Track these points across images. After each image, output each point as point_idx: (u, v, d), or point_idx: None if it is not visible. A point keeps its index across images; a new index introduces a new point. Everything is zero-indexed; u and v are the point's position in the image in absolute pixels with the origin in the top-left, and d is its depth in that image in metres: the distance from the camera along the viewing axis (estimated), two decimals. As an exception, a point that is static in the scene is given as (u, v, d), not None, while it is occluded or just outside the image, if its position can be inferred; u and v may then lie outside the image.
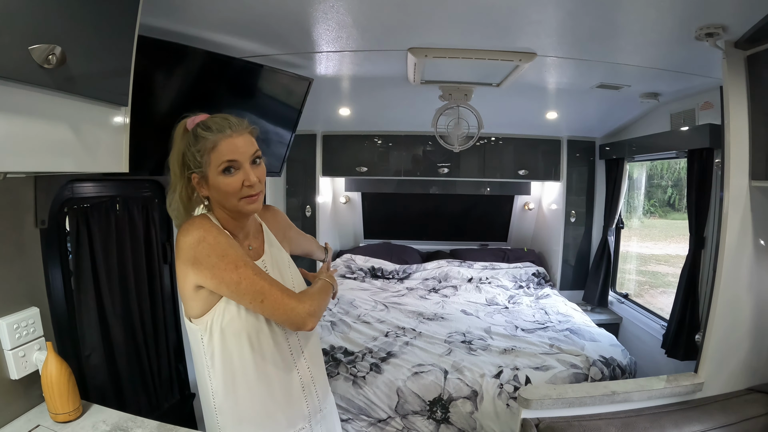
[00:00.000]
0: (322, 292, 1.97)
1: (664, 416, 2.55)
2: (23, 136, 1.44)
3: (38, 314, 2.13)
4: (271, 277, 1.78)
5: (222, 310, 1.78)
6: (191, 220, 1.78)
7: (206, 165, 1.75)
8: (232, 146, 1.76)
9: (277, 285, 1.75)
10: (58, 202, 2.36)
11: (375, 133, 6.05)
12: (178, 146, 1.81)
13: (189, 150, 1.76)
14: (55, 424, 2.00)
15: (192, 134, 1.77)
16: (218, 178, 1.75)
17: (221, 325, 1.78)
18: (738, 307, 2.72)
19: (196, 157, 1.75)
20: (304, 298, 1.80)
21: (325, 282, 2.04)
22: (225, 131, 1.75)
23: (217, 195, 1.80)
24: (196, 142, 1.74)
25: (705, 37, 2.47)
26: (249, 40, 2.91)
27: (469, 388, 3.56)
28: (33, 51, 1.35)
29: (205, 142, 1.73)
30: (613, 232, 5.81)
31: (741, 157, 2.59)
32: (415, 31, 2.84)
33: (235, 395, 1.84)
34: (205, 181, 1.79)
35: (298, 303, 1.74)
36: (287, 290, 1.77)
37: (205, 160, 1.74)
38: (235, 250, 1.71)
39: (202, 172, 1.76)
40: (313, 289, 1.96)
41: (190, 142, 1.76)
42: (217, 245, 1.69)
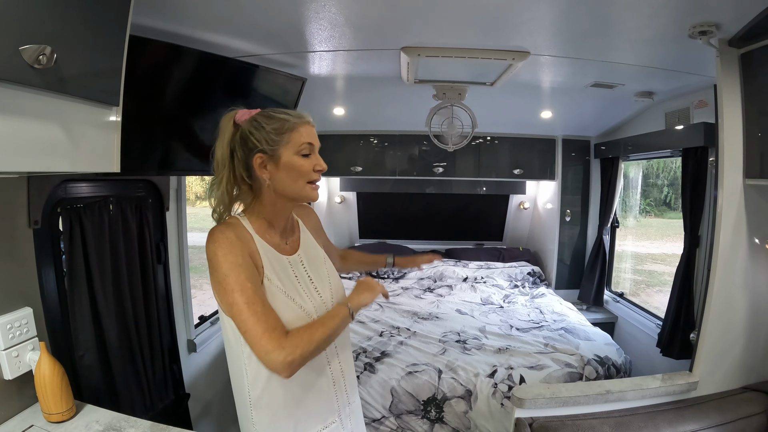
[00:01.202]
0: (327, 329, 1.77)
1: (658, 415, 2.55)
2: (14, 137, 1.43)
3: (31, 314, 2.12)
4: (264, 307, 1.70)
5: None
6: (217, 226, 1.81)
7: (281, 144, 1.82)
8: (312, 132, 1.90)
9: (264, 320, 1.66)
10: (51, 202, 2.35)
11: (370, 132, 6.06)
12: (227, 137, 1.87)
13: (259, 130, 1.82)
14: (49, 424, 2.00)
15: (264, 117, 1.85)
16: (294, 158, 1.84)
17: None
18: (732, 305, 2.73)
19: (270, 135, 1.81)
20: (291, 341, 1.66)
21: (344, 313, 1.85)
22: (303, 118, 1.88)
23: (285, 177, 1.85)
24: (271, 122, 1.82)
25: (698, 35, 2.48)
26: (241, 39, 2.91)
27: (463, 388, 3.56)
28: (23, 51, 1.35)
29: (285, 122, 1.83)
30: (608, 231, 5.81)
31: (735, 155, 2.60)
32: (407, 30, 2.84)
33: (270, 390, 1.85)
34: (274, 162, 1.84)
35: (276, 348, 1.62)
36: (272, 327, 1.66)
37: (283, 138, 1.82)
38: (236, 273, 1.69)
39: (273, 150, 1.82)
40: (316, 326, 1.77)
41: (261, 123, 1.83)
42: (224, 264, 1.70)
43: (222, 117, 1.90)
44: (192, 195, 20.01)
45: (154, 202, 3.24)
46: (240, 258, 1.72)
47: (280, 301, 1.82)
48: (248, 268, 1.73)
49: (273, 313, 1.70)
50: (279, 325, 1.68)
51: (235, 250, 1.72)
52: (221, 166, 1.86)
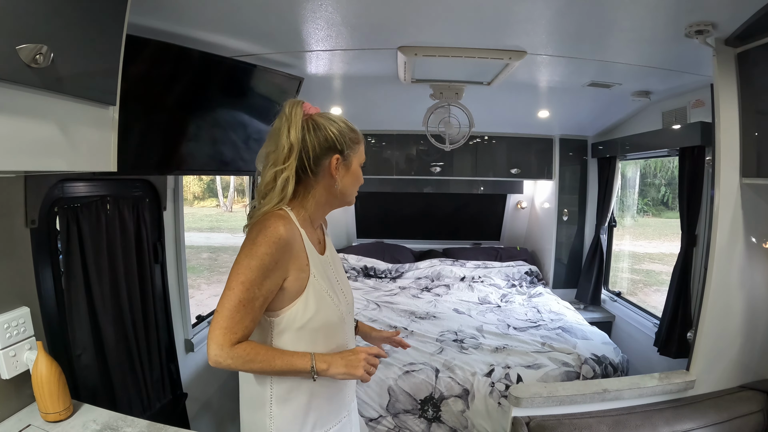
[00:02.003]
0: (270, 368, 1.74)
1: (655, 414, 2.56)
2: (11, 136, 1.43)
3: (29, 314, 2.12)
4: (247, 313, 1.69)
5: (303, 307, 1.83)
6: (273, 217, 1.79)
7: (354, 152, 1.97)
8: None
9: (234, 321, 1.67)
10: (48, 201, 2.35)
11: (367, 132, 5.99)
12: (298, 125, 1.85)
13: (339, 134, 1.90)
14: (46, 424, 2.00)
15: (344, 124, 1.95)
16: (358, 168, 2.02)
17: (302, 321, 1.83)
18: (729, 304, 2.73)
19: (349, 142, 1.93)
20: (233, 352, 1.67)
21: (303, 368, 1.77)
22: (361, 135, 2.03)
23: (350, 183, 1.99)
24: (350, 132, 1.95)
25: (695, 34, 2.48)
26: (238, 38, 2.91)
27: (460, 387, 3.57)
28: (20, 50, 1.35)
29: (357, 135, 1.98)
30: (605, 230, 5.82)
31: (732, 154, 2.60)
32: (404, 30, 2.84)
33: (298, 386, 1.89)
34: (346, 167, 1.95)
35: (220, 346, 1.66)
36: (233, 331, 1.67)
37: (357, 148, 1.98)
38: (257, 274, 1.70)
39: (348, 156, 1.94)
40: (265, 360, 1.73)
41: (342, 128, 1.92)
42: (256, 258, 1.70)
43: (286, 103, 1.89)
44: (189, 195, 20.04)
45: (152, 202, 3.23)
46: (273, 264, 1.73)
47: (324, 300, 1.88)
48: (272, 276, 1.74)
49: (246, 322, 1.70)
50: (240, 333, 1.69)
51: (277, 254, 1.73)
52: (288, 154, 1.83)
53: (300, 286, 1.83)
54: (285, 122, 1.84)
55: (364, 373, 1.84)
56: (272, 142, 1.87)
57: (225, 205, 22.76)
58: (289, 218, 1.83)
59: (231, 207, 22.43)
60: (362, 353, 1.87)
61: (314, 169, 1.87)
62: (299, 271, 1.83)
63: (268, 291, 1.74)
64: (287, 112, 1.86)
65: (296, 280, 1.81)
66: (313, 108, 1.91)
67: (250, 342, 1.73)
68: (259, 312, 1.76)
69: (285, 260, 1.76)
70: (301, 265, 1.83)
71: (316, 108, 1.93)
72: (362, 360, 1.84)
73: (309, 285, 1.84)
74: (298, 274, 1.82)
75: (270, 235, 1.72)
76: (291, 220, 1.83)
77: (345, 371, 1.82)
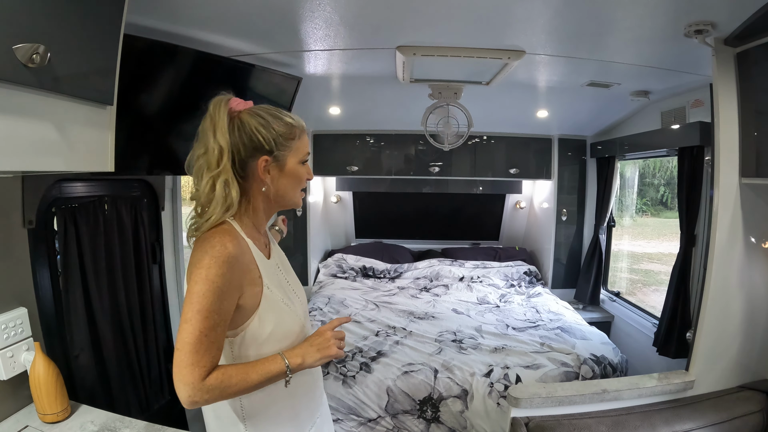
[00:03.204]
0: (248, 385, 1.62)
1: (655, 414, 2.55)
2: (8, 136, 1.43)
3: (26, 314, 2.12)
4: (211, 343, 1.53)
5: (259, 322, 1.72)
6: (217, 234, 1.64)
7: (288, 150, 1.79)
8: (308, 141, 1.90)
9: (200, 354, 1.51)
10: (45, 201, 2.35)
11: (366, 132, 6.05)
12: (223, 126, 1.71)
13: (265, 131, 1.74)
14: (44, 425, 2.00)
15: (269, 114, 1.77)
16: (298, 167, 1.83)
17: (262, 336, 1.73)
18: (729, 304, 2.73)
19: (279, 139, 1.76)
20: (205, 386, 1.52)
21: (278, 371, 1.67)
22: (304, 125, 1.87)
23: (287, 183, 1.83)
24: (278, 124, 1.77)
25: (694, 34, 2.48)
26: (236, 38, 2.90)
27: (459, 387, 3.56)
28: (17, 50, 1.35)
29: (292, 128, 1.79)
30: (604, 230, 5.82)
31: (731, 154, 2.60)
32: (403, 29, 2.84)
33: (270, 397, 1.81)
34: (279, 168, 1.79)
35: (190, 384, 1.49)
36: (202, 365, 1.51)
37: (290, 145, 1.79)
38: (213, 300, 1.54)
39: (280, 155, 1.77)
40: (241, 381, 1.60)
41: (269, 123, 1.75)
42: (208, 282, 1.54)
43: (210, 101, 1.76)
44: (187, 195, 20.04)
45: (150, 202, 3.23)
46: (227, 285, 1.59)
47: (281, 311, 1.78)
48: (228, 298, 1.60)
49: (213, 352, 1.55)
50: (209, 366, 1.53)
51: (228, 273, 1.59)
52: (219, 159, 1.68)
53: (255, 301, 1.72)
54: (210, 123, 1.73)
55: (338, 350, 1.78)
56: (201, 144, 1.73)
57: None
58: (235, 231, 1.72)
59: (229, 207, 22.43)
60: (327, 331, 1.80)
61: (242, 173, 1.75)
62: (252, 285, 1.73)
63: (227, 313, 1.61)
64: (211, 111, 1.74)
65: (251, 296, 1.71)
66: (242, 104, 1.79)
67: (218, 368, 1.57)
68: (223, 338, 1.62)
69: (237, 278, 1.64)
70: (254, 278, 1.73)
71: (246, 103, 1.80)
72: (330, 338, 1.78)
73: (263, 298, 1.75)
74: (252, 289, 1.72)
75: (218, 255, 1.58)
76: (236, 233, 1.72)
77: (320, 356, 1.74)
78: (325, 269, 6.57)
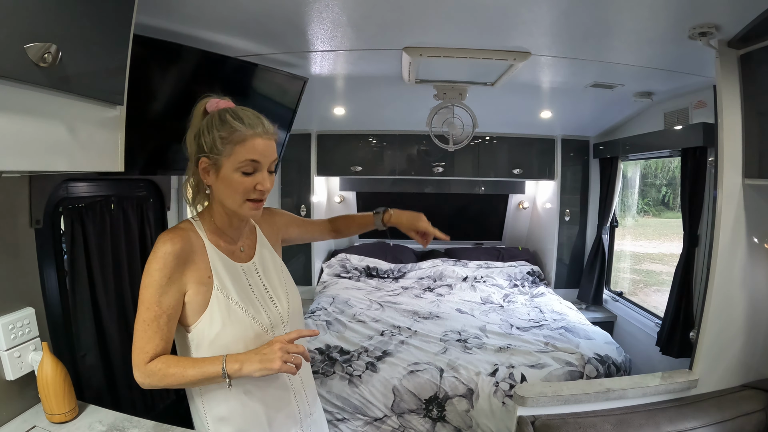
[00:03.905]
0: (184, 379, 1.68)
1: (659, 413, 2.56)
2: (19, 135, 1.43)
3: (33, 314, 2.12)
4: (153, 330, 1.67)
5: (209, 322, 1.75)
6: (166, 233, 1.73)
7: (225, 155, 1.69)
8: (261, 146, 1.73)
9: (146, 340, 1.67)
10: (52, 201, 2.36)
11: (370, 132, 6.05)
12: (195, 126, 1.76)
13: (210, 132, 1.70)
14: (51, 425, 1.99)
15: (219, 118, 1.72)
16: (233, 174, 1.71)
17: (210, 337, 1.75)
18: (732, 304, 2.74)
19: (216, 142, 1.69)
20: (148, 369, 1.67)
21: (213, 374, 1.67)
22: (257, 128, 1.72)
23: (223, 189, 1.75)
24: (222, 127, 1.69)
25: (698, 36, 2.48)
26: (244, 39, 2.91)
27: (464, 387, 3.57)
28: (29, 49, 1.35)
29: (233, 132, 1.69)
30: (607, 230, 5.82)
31: (734, 155, 2.60)
32: (410, 30, 2.84)
33: (228, 406, 1.84)
34: (215, 170, 1.73)
35: (137, 367, 1.69)
36: (146, 351, 1.67)
37: (227, 149, 1.69)
38: (152, 292, 1.66)
39: (216, 159, 1.70)
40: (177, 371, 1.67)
41: (214, 125, 1.70)
42: (149, 277, 1.67)
43: (196, 104, 1.81)
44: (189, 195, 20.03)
45: (156, 202, 3.24)
46: (165, 279, 1.67)
47: (232, 314, 1.78)
48: (168, 292, 1.68)
49: (156, 341, 1.67)
50: (152, 352, 1.67)
51: (166, 269, 1.67)
52: (189, 158, 1.79)
53: (203, 300, 1.76)
54: (189, 124, 1.80)
55: (283, 365, 1.66)
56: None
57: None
58: (187, 230, 1.77)
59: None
60: (276, 344, 1.69)
61: (194, 170, 1.78)
62: (199, 284, 1.75)
63: (169, 307, 1.69)
64: (192, 112, 1.80)
65: (197, 293, 1.74)
66: (215, 104, 1.78)
67: (162, 357, 1.69)
68: (168, 329, 1.70)
69: (178, 275, 1.70)
70: (202, 277, 1.76)
71: (220, 103, 1.79)
72: (277, 351, 1.67)
73: (213, 298, 1.77)
74: (198, 287, 1.75)
75: (157, 251, 1.68)
76: (186, 233, 1.76)
77: (260, 366, 1.66)
78: (328, 269, 6.57)
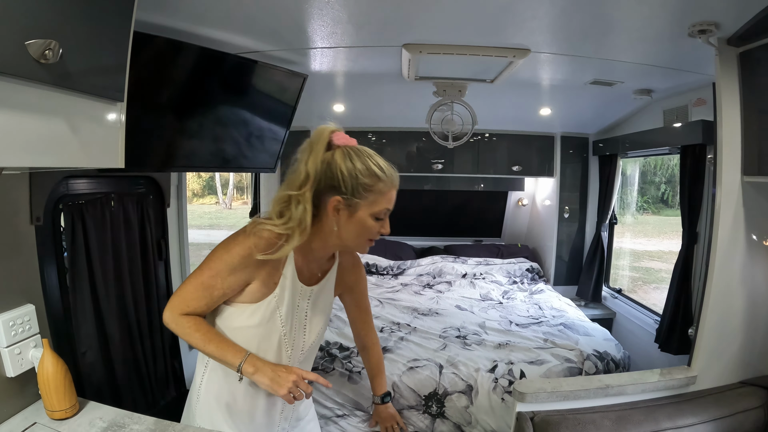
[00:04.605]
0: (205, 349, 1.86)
1: (658, 409, 2.56)
2: (19, 132, 1.43)
3: (34, 311, 2.11)
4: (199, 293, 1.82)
5: (249, 314, 1.89)
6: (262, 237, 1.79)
7: (365, 202, 1.79)
8: (394, 197, 1.89)
9: (189, 296, 1.84)
10: (53, 198, 2.36)
11: (369, 129, 6.02)
12: (320, 153, 1.79)
13: (352, 177, 1.76)
14: (52, 422, 1.99)
15: (364, 166, 1.78)
16: (368, 219, 1.83)
17: (240, 324, 1.90)
18: (730, 301, 2.74)
19: (359, 189, 1.77)
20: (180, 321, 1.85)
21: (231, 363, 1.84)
22: (395, 181, 1.87)
23: (351, 230, 1.85)
24: (367, 176, 1.77)
25: (698, 34, 2.48)
26: (243, 36, 2.91)
27: (464, 383, 3.57)
28: (29, 46, 1.35)
29: (378, 182, 1.79)
30: (606, 227, 5.83)
31: (733, 152, 2.60)
32: (409, 27, 2.84)
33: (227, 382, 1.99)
34: (348, 212, 1.81)
35: (171, 311, 1.85)
36: (186, 304, 1.84)
37: (369, 197, 1.79)
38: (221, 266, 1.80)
39: (355, 203, 1.79)
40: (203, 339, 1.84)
41: (357, 171, 1.77)
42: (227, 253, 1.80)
43: (317, 127, 1.84)
44: (189, 192, 20.01)
45: (155, 199, 3.25)
46: (240, 266, 1.80)
47: (271, 322, 1.92)
48: (236, 275, 1.81)
49: (201, 303, 1.83)
50: (191, 309, 1.84)
51: (247, 259, 1.78)
52: (303, 181, 1.78)
53: (259, 296, 1.87)
54: (308, 147, 1.81)
55: (288, 395, 1.81)
56: (298, 160, 1.83)
57: (224, 202, 22.80)
58: (275, 242, 1.80)
59: (230, 204, 22.47)
60: (293, 375, 1.83)
61: (316, 202, 1.80)
62: (264, 284, 1.87)
63: (229, 287, 1.82)
64: (313, 138, 1.82)
65: (257, 290, 1.86)
66: (343, 138, 1.82)
67: (197, 318, 1.86)
68: (215, 302, 1.86)
69: (253, 268, 1.81)
70: (269, 281, 1.87)
71: (349, 140, 1.84)
72: (290, 381, 1.81)
73: (266, 301, 1.88)
74: (261, 286, 1.87)
75: (248, 239, 1.77)
76: (278, 239, 1.80)
77: (269, 383, 1.81)
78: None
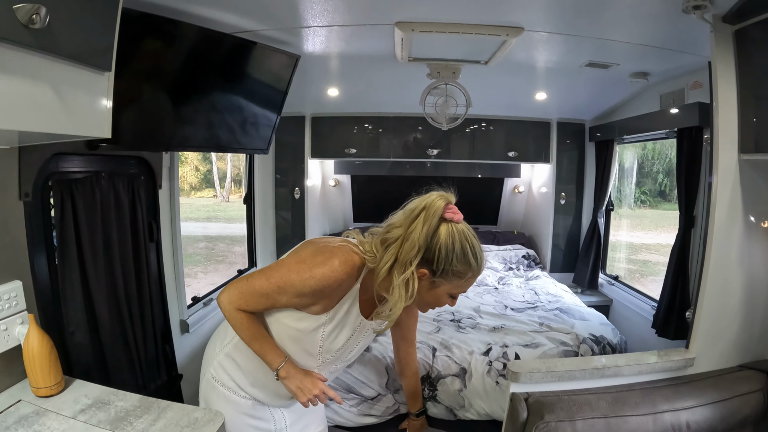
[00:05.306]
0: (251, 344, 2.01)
1: (655, 391, 2.55)
2: (5, 95, 1.43)
3: (21, 287, 2.10)
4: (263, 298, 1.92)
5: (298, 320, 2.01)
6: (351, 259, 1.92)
7: (449, 281, 1.89)
8: (471, 286, 2.00)
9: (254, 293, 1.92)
10: (42, 175, 2.33)
11: (364, 115, 6.01)
12: (433, 223, 1.86)
13: (448, 259, 1.83)
14: (37, 399, 1.98)
15: (462, 253, 1.84)
16: (444, 296, 1.96)
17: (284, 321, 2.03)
18: (728, 283, 2.72)
19: (449, 272, 1.86)
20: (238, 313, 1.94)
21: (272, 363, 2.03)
22: (481, 270, 1.95)
23: (426, 298, 1.96)
24: (462, 264, 1.85)
25: (692, 9, 2.46)
26: (234, 14, 2.89)
27: (457, 366, 3.55)
28: (17, 10, 1.34)
29: (468, 270, 1.88)
30: (602, 214, 5.83)
31: (730, 130, 2.58)
32: (401, 5, 2.83)
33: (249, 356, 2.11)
34: (430, 285, 1.91)
35: (230, 301, 1.93)
36: (247, 299, 1.92)
37: (454, 280, 1.90)
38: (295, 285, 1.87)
39: (439, 281, 1.89)
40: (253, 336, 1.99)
41: (456, 257, 1.84)
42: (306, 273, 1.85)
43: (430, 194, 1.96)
44: (186, 185, 19.99)
45: (147, 180, 3.21)
46: (310, 292, 1.87)
47: (312, 334, 2.02)
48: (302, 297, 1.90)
49: (259, 306, 1.96)
50: (249, 307, 1.94)
51: (319, 288, 1.86)
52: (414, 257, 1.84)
53: (314, 311, 1.97)
54: (424, 217, 1.86)
55: (306, 402, 2.04)
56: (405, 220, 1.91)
57: (222, 195, 22.79)
58: (360, 270, 1.95)
59: (228, 197, 22.46)
60: (317, 389, 2.04)
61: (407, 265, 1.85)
62: (323, 308, 1.97)
63: (291, 304, 1.95)
64: (430, 209, 1.87)
65: (317, 306, 1.96)
66: (455, 215, 1.89)
67: (251, 316, 1.96)
68: (270, 305, 1.96)
69: (321, 296, 1.91)
70: (329, 304, 1.97)
71: (459, 216, 1.90)
72: (312, 393, 2.03)
73: (318, 317, 1.98)
74: (320, 308, 1.97)
75: (330, 272, 1.85)
76: (358, 272, 1.95)
77: (295, 390, 2.03)
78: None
